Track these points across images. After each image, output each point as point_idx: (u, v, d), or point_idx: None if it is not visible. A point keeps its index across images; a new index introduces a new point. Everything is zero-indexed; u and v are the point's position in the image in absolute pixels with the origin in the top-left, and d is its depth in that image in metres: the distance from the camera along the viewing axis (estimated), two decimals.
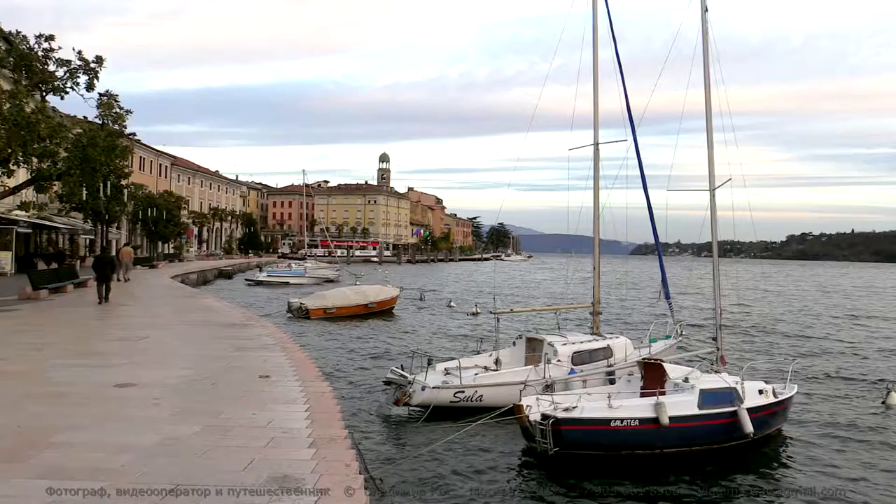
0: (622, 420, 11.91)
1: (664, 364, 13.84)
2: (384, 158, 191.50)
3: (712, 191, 15.40)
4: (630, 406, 12.30)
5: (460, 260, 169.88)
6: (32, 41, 21.47)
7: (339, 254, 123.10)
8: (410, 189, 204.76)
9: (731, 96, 15.31)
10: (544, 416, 11.72)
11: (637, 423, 11.97)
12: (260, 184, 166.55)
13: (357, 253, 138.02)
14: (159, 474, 6.33)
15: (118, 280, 36.38)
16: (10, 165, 20.35)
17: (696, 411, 12.48)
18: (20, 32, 22.01)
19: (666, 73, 17.60)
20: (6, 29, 24.61)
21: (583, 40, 19.44)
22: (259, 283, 55.87)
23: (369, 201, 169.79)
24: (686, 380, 13.15)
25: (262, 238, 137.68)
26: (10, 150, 19.13)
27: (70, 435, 7.64)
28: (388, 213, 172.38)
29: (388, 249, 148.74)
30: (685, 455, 12.34)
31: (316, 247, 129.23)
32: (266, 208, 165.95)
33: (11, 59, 21.26)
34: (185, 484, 6.06)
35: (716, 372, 14.26)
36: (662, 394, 12.65)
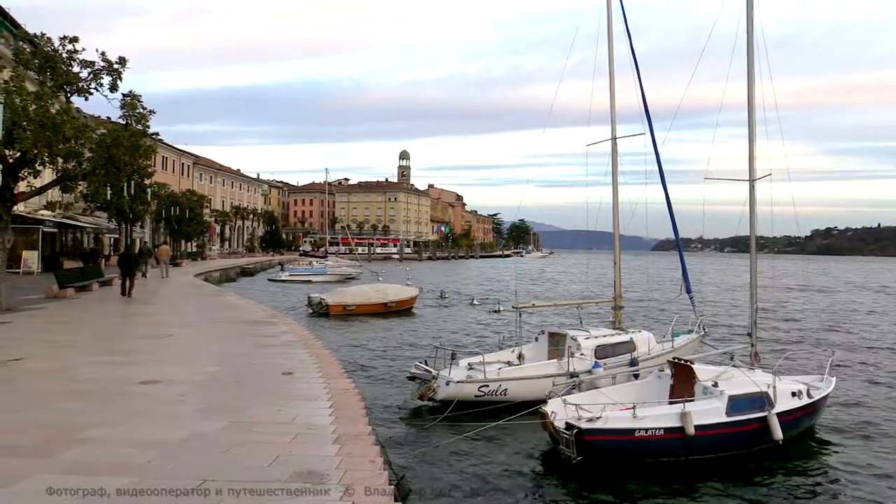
0: (647, 430, 11.79)
1: (694, 366, 13.63)
2: (404, 155, 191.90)
3: (752, 182, 15.10)
4: (655, 415, 12.12)
5: (481, 257, 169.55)
6: (57, 43, 21.64)
7: (359, 251, 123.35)
8: (431, 186, 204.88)
9: (767, 90, 14.95)
10: (568, 426, 11.64)
11: (662, 432, 11.83)
12: (281, 182, 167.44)
13: (378, 250, 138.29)
14: (185, 470, 6.39)
15: (144, 276, 36.96)
16: (37, 166, 20.57)
17: (723, 419, 12.24)
18: (44, 34, 22.23)
19: (691, 65, 17.41)
20: (31, 31, 24.90)
21: (597, 36, 19.34)
22: (281, 281, 56.21)
23: (390, 199, 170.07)
24: (716, 384, 12.93)
25: (284, 236, 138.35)
26: (36, 151, 19.32)
27: (97, 431, 7.72)
28: (408, 210, 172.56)
29: (408, 246, 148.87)
30: (711, 461, 12.18)
31: (337, 244, 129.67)
32: (287, 206, 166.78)
33: (36, 60, 21.46)
34: (211, 479, 6.11)
35: (749, 368, 14.00)
36: (690, 399, 12.49)
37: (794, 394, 13.31)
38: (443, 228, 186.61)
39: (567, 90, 20.48)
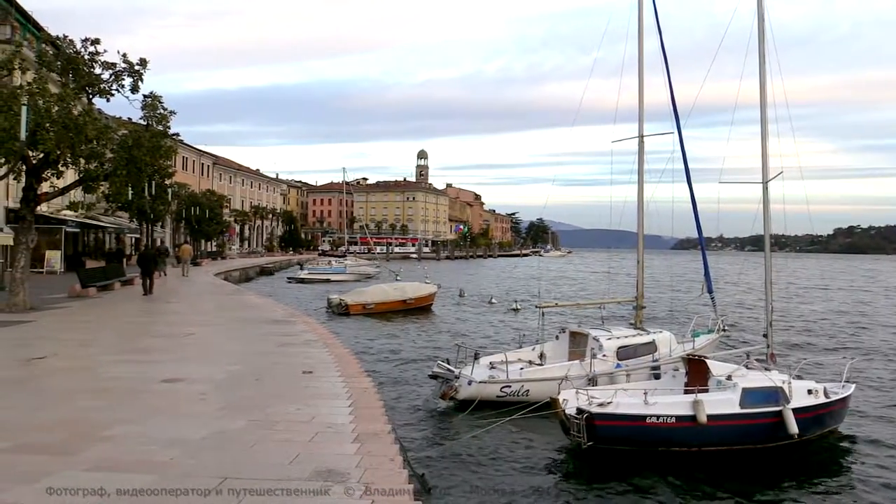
0: (658, 417, 11.71)
1: (708, 361, 13.57)
2: (422, 155, 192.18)
3: (765, 183, 15.02)
4: (667, 403, 12.07)
5: (499, 256, 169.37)
6: (79, 45, 21.87)
7: (378, 250, 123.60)
8: (449, 185, 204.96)
9: (777, 87, 14.91)
10: (579, 411, 11.63)
11: (674, 420, 11.76)
12: (300, 182, 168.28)
13: (396, 249, 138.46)
14: (207, 468, 6.43)
15: (163, 275, 37.28)
16: (60, 167, 20.79)
17: (736, 410, 12.15)
18: (67, 36, 22.48)
19: (708, 62, 17.31)
20: (53, 33, 25.20)
21: (624, 33, 19.22)
22: (300, 281, 56.48)
23: (408, 198, 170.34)
24: (730, 377, 12.85)
25: (303, 235, 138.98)
26: (59, 152, 19.53)
27: (120, 429, 7.80)
28: (426, 209, 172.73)
29: (427, 246, 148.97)
30: (724, 454, 12.09)
31: (355, 244, 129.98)
32: (306, 206, 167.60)
33: (59, 62, 21.70)
34: (233, 477, 6.15)
35: (766, 369, 13.86)
36: (704, 391, 12.42)
37: (810, 392, 13.18)
38: (461, 228, 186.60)
39: (591, 87, 20.40)
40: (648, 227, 19.93)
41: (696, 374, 13.41)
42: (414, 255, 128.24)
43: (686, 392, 12.73)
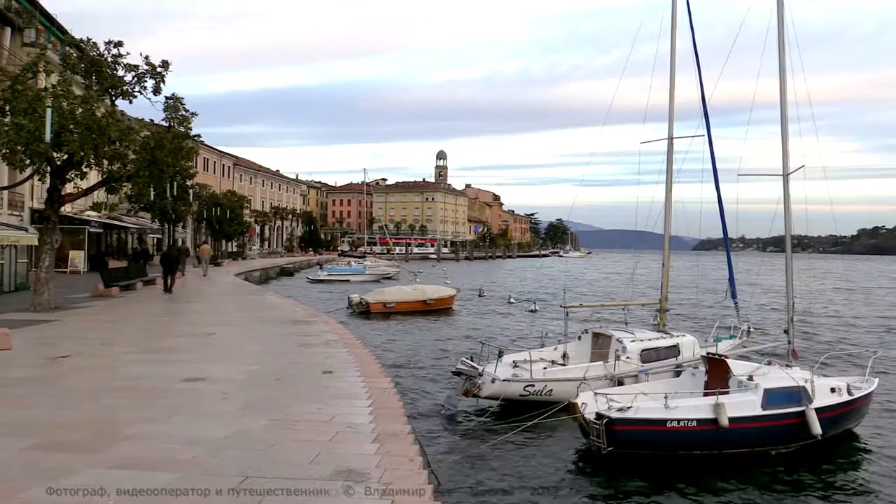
0: (679, 421, 11.59)
1: (728, 361, 13.43)
2: (441, 155, 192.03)
3: (786, 176, 14.83)
4: (687, 406, 11.93)
5: (518, 256, 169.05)
6: (102, 47, 22.12)
7: (397, 251, 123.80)
8: (468, 186, 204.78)
9: (799, 85, 14.76)
10: (598, 416, 11.54)
11: (695, 423, 11.64)
12: (319, 182, 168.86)
13: (415, 250, 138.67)
14: (228, 467, 6.48)
15: (183, 275, 37.62)
16: (83, 168, 21.03)
17: (759, 412, 12.00)
18: (90, 39, 22.74)
19: (726, 61, 17.17)
20: (77, 36, 25.48)
21: (660, 31, 19.06)
22: (320, 281, 56.72)
23: (427, 198, 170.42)
24: (751, 378, 12.70)
25: (322, 236, 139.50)
26: (82, 153, 19.74)
27: (143, 427, 7.88)
28: (445, 210, 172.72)
29: (446, 246, 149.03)
30: (746, 455, 11.97)
31: (375, 244, 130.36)
32: (326, 206, 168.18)
33: (83, 65, 21.96)
34: (254, 476, 6.19)
35: (787, 366, 13.71)
36: (725, 392, 12.29)
37: (832, 390, 13.01)
38: (480, 228, 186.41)
39: (611, 89, 20.32)
40: (671, 228, 19.81)
41: (717, 373, 13.28)
42: (433, 256, 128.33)
43: (706, 393, 12.61)
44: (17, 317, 17.60)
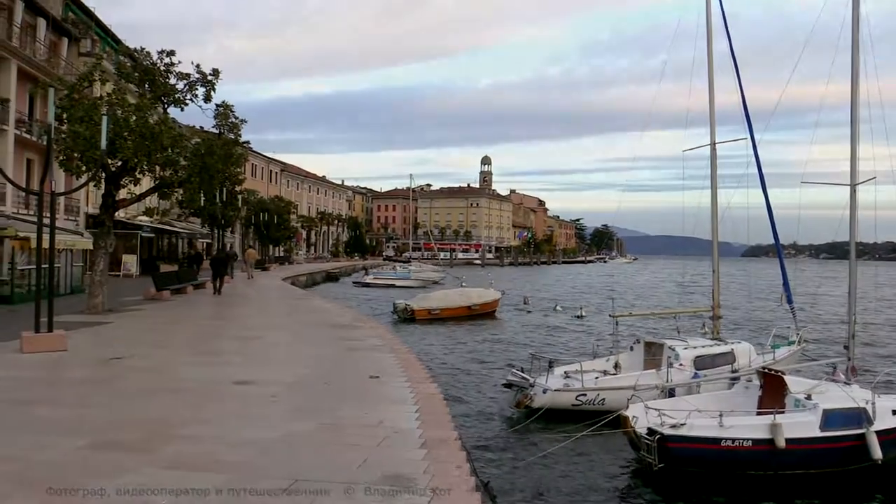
0: (734, 440, 11.27)
1: (785, 377, 12.98)
2: (486, 161, 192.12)
3: (853, 186, 14.23)
4: (743, 425, 11.57)
5: (563, 262, 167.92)
6: (155, 57, 22.67)
7: (442, 256, 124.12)
8: (512, 191, 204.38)
9: (868, 85, 14.03)
10: (650, 431, 11.28)
11: (750, 443, 11.29)
12: (365, 188, 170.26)
13: (460, 255, 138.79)
14: (278, 469, 6.51)
15: (231, 277, 38.23)
16: (136, 174, 21.53)
17: (817, 433, 11.55)
18: (143, 49, 23.32)
19: (785, 61, 16.77)
20: (131, 46, 26.15)
21: (696, 35, 18.81)
22: (366, 286, 57.11)
23: (471, 204, 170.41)
24: (809, 397, 12.26)
25: (367, 241, 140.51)
26: (136, 160, 20.22)
27: (195, 428, 7.98)
28: (490, 215, 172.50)
29: (490, 252, 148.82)
30: (802, 477, 11.58)
31: (419, 249, 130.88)
32: (371, 212, 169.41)
33: (136, 74, 22.54)
34: (303, 479, 6.21)
35: (846, 384, 13.20)
36: (781, 411, 11.90)
37: (894, 412, 12.48)
38: (524, 234, 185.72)
39: (658, 92, 19.98)
40: (719, 234, 19.43)
41: (772, 390, 12.83)
42: (477, 262, 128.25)
43: (761, 411, 12.23)
44: (73, 319, 18.04)
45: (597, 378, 15.32)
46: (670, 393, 13.76)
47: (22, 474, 6.25)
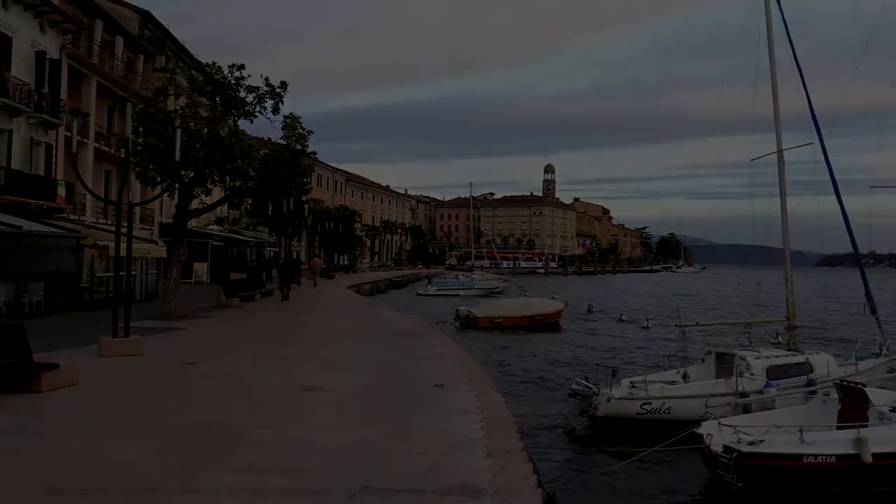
0: (816, 456, 10.82)
1: (867, 389, 12.43)
2: (549, 169, 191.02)
3: None
4: (825, 440, 11.11)
5: (628, 271, 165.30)
6: (226, 70, 23.34)
7: (504, 265, 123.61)
8: (576, 199, 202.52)
9: None
10: (727, 449, 10.92)
11: (834, 459, 10.80)
12: (428, 197, 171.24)
13: (523, 264, 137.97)
14: (346, 475, 6.57)
15: (298, 286, 38.91)
16: (208, 184, 22.15)
17: None
18: (215, 63, 24.07)
19: (856, 69, 16.20)
20: (203, 60, 26.97)
21: (758, 41, 18.32)
22: (430, 295, 57.31)
23: (534, 213, 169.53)
24: (894, 409, 11.72)
25: (430, 250, 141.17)
26: (208, 171, 20.81)
27: (265, 434, 8.13)
28: (553, 224, 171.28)
29: (553, 261, 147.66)
30: (891, 494, 11.03)
31: (482, 258, 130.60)
32: (434, 221, 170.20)
33: (208, 87, 23.25)
34: (371, 486, 6.25)
35: None
36: (865, 425, 11.38)
37: None
38: (588, 243, 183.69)
39: (726, 98, 19.57)
40: (791, 243, 18.84)
41: (853, 404, 12.29)
42: (540, 271, 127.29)
43: (841, 425, 11.74)
44: (147, 324, 18.62)
45: (663, 387, 14.99)
46: (745, 409, 13.29)
47: (101, 474, 6.47)
